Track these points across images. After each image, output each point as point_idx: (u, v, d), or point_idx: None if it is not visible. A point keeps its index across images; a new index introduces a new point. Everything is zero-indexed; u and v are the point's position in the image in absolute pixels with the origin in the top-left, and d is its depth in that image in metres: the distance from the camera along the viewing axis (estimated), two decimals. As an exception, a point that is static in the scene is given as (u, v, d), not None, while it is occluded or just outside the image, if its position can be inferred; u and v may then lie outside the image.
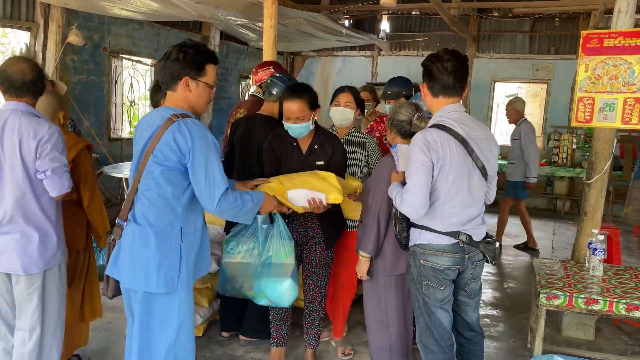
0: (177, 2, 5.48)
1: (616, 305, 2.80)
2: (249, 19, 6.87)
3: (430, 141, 2.31)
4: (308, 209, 2.66)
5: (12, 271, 2.48)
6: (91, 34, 6.40)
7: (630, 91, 3.37)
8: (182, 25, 8.04)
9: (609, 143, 3.63)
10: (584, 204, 3.75)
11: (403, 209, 2.37)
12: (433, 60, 2.39)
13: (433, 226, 2.38)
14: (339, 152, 2.95)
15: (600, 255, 3.20)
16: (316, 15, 7.40)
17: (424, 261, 2.40)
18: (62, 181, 2.46)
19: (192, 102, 2.22)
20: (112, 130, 7.06)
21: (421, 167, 2.30)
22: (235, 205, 2.19)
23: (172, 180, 2.13)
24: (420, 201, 2.30)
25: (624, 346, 3.79)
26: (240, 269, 2.71)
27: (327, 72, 10.79)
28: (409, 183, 2.34)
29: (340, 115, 3.32)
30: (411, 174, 2.33)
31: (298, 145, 2.93)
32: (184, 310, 2.20)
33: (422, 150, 2.30)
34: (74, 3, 5.47)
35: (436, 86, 2.39)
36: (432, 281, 2.41)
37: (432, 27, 10.00)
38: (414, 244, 2.46)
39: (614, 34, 3.41)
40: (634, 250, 6.44)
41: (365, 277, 2.81)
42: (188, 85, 2.18)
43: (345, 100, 3.32)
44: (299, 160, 2.90)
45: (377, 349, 2.90)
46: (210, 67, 2.22)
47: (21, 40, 5.83)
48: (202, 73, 2.19)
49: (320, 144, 2.91)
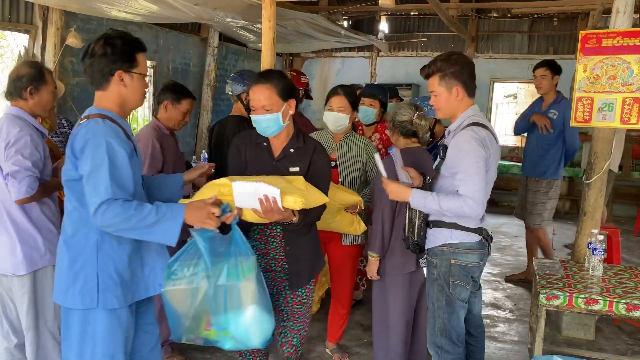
0: (175, 4, 5.47)
1: (616, 305, 2.80)
2: (247, 20, 6.86)
3: (484, 137, 2.33)
4: (260, 216, 2.12)
5: (5, 272, 2.52)
6: (90, 36, 6.40)
7: (629, 91, 3.37)
8: (181, 27, 8.04)
9: (608, 143, 3.63)
10: (583, 204, 3.75)
11: (465, 210, 2.26)
12: (466, 62, 2.42)
13: (465, 223, 2.39)
14: (321, 161, 2.39)
15: (600, 255, 3.20)
16: (315, 17, 7.40)
17: (454, 260, 2.40)
18: (21, 186, 2.40)
19: (128, 98, 2.03)
20: (111, 132, 7.05)
21: (483, 164, 2.30)
22: (125, 218, 1.84)
23: (74, 189, 1.96)
24: (483, 198, 2.30)
25: (625, 346, 3.79)
26: (187, 299, 2.04)
27: (326, 73, 10.78)
28: (473, 180, 2.27)
29: (333, 120, 3.11)
30: (472, 172, 2.27)
31: (269, 146, 2.40)
32: (103, 330, 1.96)
33: (480, 146, 2.30)
34: (73, 5, 5.46)
35: (473, 86, 2.45)
36: (461, 280, 2.42)
37: (431, 28, 10.00)
38: (442, 244, 2.43)
39: (612, 33, 3.41)
40: (633, 250, 6.44)
41: (376, 276, 2.83)
42: (122, 80, 1.99)
43: (338, 105, 3.09)
44: (269, 165, 2.37)
45: (379, 348, 2.95)
46: (141, 56, 2.04)
47: (20, 43, 5.83)
48: (135, 64, 2.01)
49: (297, 148, 2.38)
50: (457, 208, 2.28)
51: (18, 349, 2.65)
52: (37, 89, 2.58)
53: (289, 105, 2.31)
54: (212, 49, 8.47)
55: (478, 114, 2.45)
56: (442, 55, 2.45)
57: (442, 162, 2.40)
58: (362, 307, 4.23)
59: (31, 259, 2.50)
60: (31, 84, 2.56)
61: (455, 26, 8.24)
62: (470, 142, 2.30)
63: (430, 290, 2.51)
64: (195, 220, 1.98)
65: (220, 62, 8.85)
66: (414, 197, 2.38)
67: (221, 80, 8.91)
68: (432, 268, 2.48)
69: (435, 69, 2.41)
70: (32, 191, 2.44)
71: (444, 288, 2.44)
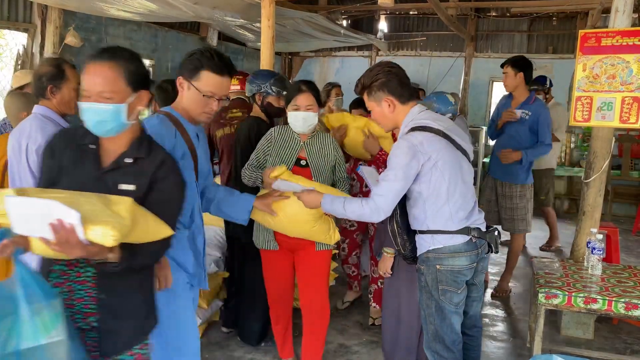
0: (174, 3, 5.46)
1: (615, 304, 2.80)
2: (246, 19, 6.86)
3: (416, 145, 2.26)
4: (54, 249, 1.46)
5: None
6: (89, 35, 6.39)
7: (629, 90, 3.37)
8: (180, 26, 8.04)
9: (607, 142, 3.63)
10: (582, 203, 3.75)
11: (366, 213, 2.29)
12: (390, 70, 2.38)
13: (446, 227, 2.33)
14: (169, 181, 1.76)
15: (599, 254, 3.20)
16: (314, 16, 7.39)
17: (440, 266, 2.34)
18: None
19: (186, 105, 2.18)
20: (110, 131, 7.05)
21: (403, 174, 2.26)
22: None
23: None
24: (391, 207, 2.30)
25: (623, 345, 3.79)
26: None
27: (326, 72, 10.78)
28: (384, 185, 2.28)
29: (302, 122, 2.81)
30: (390, 179, 2.27)
31: (97, 151, 1.74)
32: None
33: (406, 155, 2.25)
34: (72, 4, 5.46)
35: (406, 92, 2.39)
36: (450, 285, 2.35)
37: (430, 27, 10.00)
38: (426, 251, 2.38)
39: (611, 33, 3.41)
40: (632, 249, 6.44)
41: (389, 273, 2.83)
42: (181, 85, 2.16)
43: (307, 104, 2.81)
44: (91, 176, 1.70)
45: (388, 342, 2.94)
46: (209, 75, 2.10)
47: (19, 42, 5.82)
48: (196, 77, 2.11)
49: (137, 158, 1.73)
50: (358, 210, 2.31)
51: None
52: (58, 88, 2.52)
53: (138, 98, 1.72)
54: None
55: (418, 116, 2.37)
56: (366, 71, 2.44)
57: None
58: (361, 307, 4.23)
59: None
60: (51, 83, 2.50)
61: (454, 25, 8.24)
62: (396, 151, 2.29)
63: (420, 297, 2.49)
64: None
65: (219, 61, 8.84)
66: (324, 202, 2.42)
67: (220, 79, 8.90)
68: (420, 275, 2.44)
69: (361, 87, 2.42)
70: None
71: (432, 295, 2.39)
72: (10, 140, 2.49)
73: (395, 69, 2.40)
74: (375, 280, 3.88)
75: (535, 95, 4.51)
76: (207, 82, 2.08)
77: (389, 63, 2.44)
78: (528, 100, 4.40)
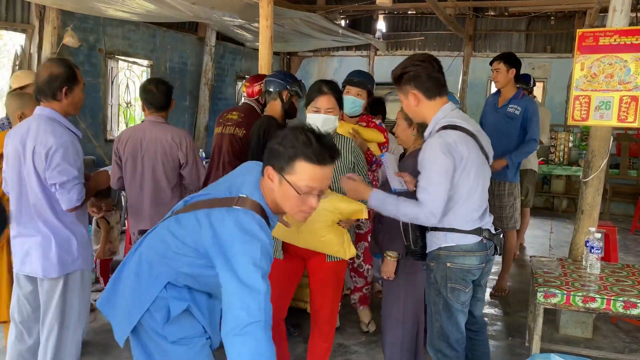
0: (172, 3, 5.46)
1: (613, 303, 2.80)
2: (245, 19, 6.86)
3: (450, 143, 2.23)
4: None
5: (34, 274, 2.50)
6: (87, 35, 6.39)
7: (626, 89, 3.37)
8: (179, 26, 8.04)
9: (605, 141, 3.63)
10: (581, 202, 3.76)
11: (420, 218, 2.25)
12: (419, 63, 2.33)
13: (459, 226, 2.33)
14: None
15: (598, 253, 3.20)
16: (312, 15, 7.40)
17: (450, 264, 2.34)
18: (71, 195, 2.39)
19: (278, 200, 1.74)
20: (108, 131, 7.05)
21: (445, 173, 2.22)
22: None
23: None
24: (441, 208, 2.25)
25: (622, 344, 3.80)
26: None
27: (324, 72, 10.79)
28: (432, 190, 2.24)
29: (322, 124, 2.57)
30: (434, 181, 2.23)
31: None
32: None
33: (444, 154, 2.21)
34: (69, 5, 5.45)
35: (433, 87, 2.33)
36: (459, 283, 2.34)
37: (429, 27, 10.01)
38: (437, 248, 2.37)
39: (609, 32, 3.41)
40: (630, 248, 6.45)
41: (393, 276, 2.81)
42: (270, 178, 1.71)
43: (327, 107, 2.63)
44: None
45: (390, 344, 2.93)
46: (307, 166, 1.65)
47: (16, 42, 5.82)
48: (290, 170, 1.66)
49: None
50: (413, 214, 2.26)
51: (30, 353, 2.64)
52: (71, 90, 2.49)
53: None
54: (209, 48, 8.46)
55: (450, 114, 2.34)
56: (398, 65, 2.40)
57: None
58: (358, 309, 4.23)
59: (64, 262, 2.48)
60: (66, 85, 2.47)
61: (452, 25, 8.24)
62: (433, 150, 2.24)
63: (428, 294, 2.49)
64: None
65: (217, 62, 8.84)
66: (373, 197, 2.33)
67: (218, 79, 8.91)
68: (429, 272, 2.45)
69: (393, 77, 2.40)
70: (82, 199, 2.44)
71: (440, 292, 2.39)
72: (13, 140, 2.48)
73: (426, 62, 2.32)
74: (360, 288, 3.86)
75: (523, 92, 4.50)
76: (304, 174, 1.64)
77: (422, 56, 2.36)
78: (516, 96, 4.37)
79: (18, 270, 2.56)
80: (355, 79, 3.55)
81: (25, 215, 2.48)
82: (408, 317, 2.86)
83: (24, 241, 2.50)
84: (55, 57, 5.48)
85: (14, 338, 2.63)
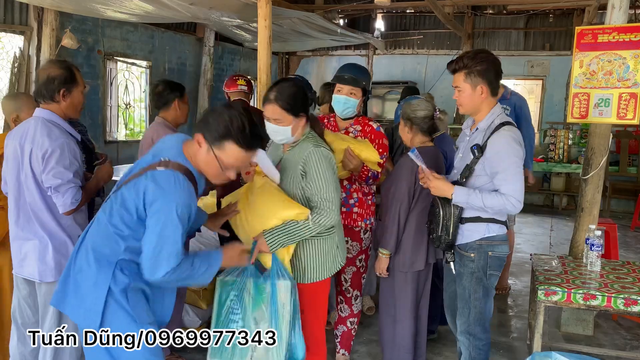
0: (171, 3, 5.46)
1: (614, 300, 2.80)
2: (243, 19, 6.85)
3: (519, 137, 2.42)
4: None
5: (32, 277, 2.49)
6: (85, 37, 6.38)
7: (625, 86, 3.37)
8: (177, 27, 8.03)
9: (605, 138, 3.63)
10: (580, 200, 3.76)
11: (507, 208, 2.36)
12: (494, 61, 2.46)
13: (501, 218, 2.49)
14: None
15: (598, 251, 3.20)
16: (311, 15, 7.39)
17: (492, 252, 2.50)
18: (65, 198, 2.37)
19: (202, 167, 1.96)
20: (107, 133, 7.04)
21: (521, 163, 2.40)
22: (182, 278, 1.89)
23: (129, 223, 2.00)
24: (523, 196, 2.39)
25: (623, 341, 3.80)
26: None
27: (323, 71, 10.78)
28: (515, 179, 2.36)
29: (272, 135, 2.36)
30: (514, 171, 2.37)
31: None
32: None
33: (520, 146, 2.40)
34: (68, 6, 5.45)
35: (497, 85, 2.50)
36: (496, 270, 2.53)
37: (427, 25, 10.00)
38: (479, 238, 2.50)
39: (608, 29, 3.41)
40: (631, 245, 6.45)
41: (385, 273, 2.85)
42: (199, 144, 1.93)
43: (271, 116, 2.33)
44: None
45: (386, 342, 2.98)
46: (234, 147, 1.87)
47: (15, 44, 5.81)
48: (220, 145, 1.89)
49: None
50: (500, 206, 2.37)
51: (33, 355, 2.64)
52: (69, 91, 2.48)
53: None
54: (208, 49, 8.46)
55: (502, 112, 2.51)
56: (470, 53, 2.49)
57: (477, 161, 2.44)
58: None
59: (61, 266, 2.44)
60: (64, 86, 2.45)
61: (451, 23, 8.24)
62: (511, 143, 2.38)
63: (467, 283, 2.56)
64: (229, 263, 2.10)
65: (216, 62, 8.84)
66: (457, 193, 2.43)
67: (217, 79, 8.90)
68: (468, 262, 2.54)
69: (462, 66, 2.45)
70: (77, 202, 2.41)
71: (482, 280, 2.52)
72: (12, 142, 2.47)
73: (498, 60, 2.48)
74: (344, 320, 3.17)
75: (510, 90, 4.53)
76: (231, 154, 1.86)
77: (491, 54, 2.50)
78: (504, 96, 4.35)
79: (16, 272, 2.55)
80: (346, 76, 2.99)
81: (23, 217, 2.47)
82: (403, 315, 2.89)
83: (21, 244, 2.49)
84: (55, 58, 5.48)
85: (17, 341, 2.63)
